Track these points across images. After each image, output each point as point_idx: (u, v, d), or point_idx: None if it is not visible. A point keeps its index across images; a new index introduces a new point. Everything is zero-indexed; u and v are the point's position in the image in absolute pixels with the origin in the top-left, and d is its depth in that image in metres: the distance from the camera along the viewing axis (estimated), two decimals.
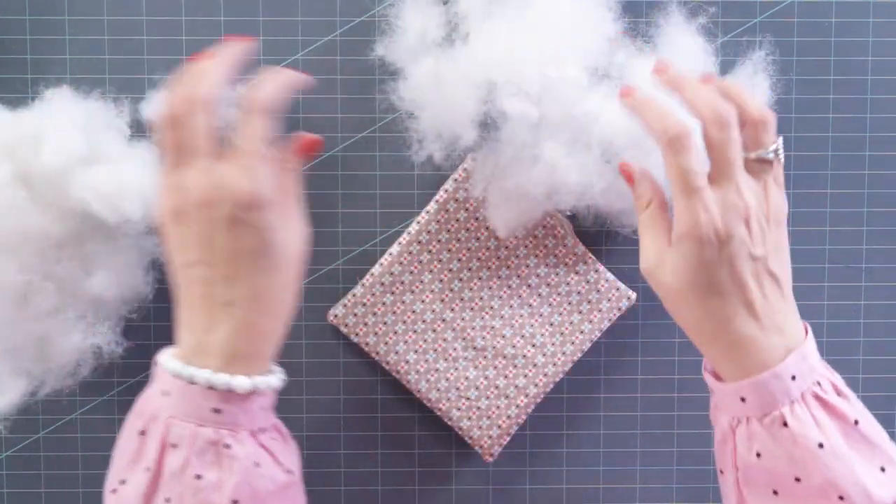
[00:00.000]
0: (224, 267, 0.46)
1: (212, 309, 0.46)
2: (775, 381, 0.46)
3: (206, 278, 0.46)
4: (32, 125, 0.56)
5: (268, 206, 0.46)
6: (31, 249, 0.55)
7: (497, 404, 0.63)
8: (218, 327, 0.46)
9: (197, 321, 0.46)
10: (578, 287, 0.64)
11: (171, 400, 0.46)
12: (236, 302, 0.46)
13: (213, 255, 0.46)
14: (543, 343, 0.63)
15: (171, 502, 0.45)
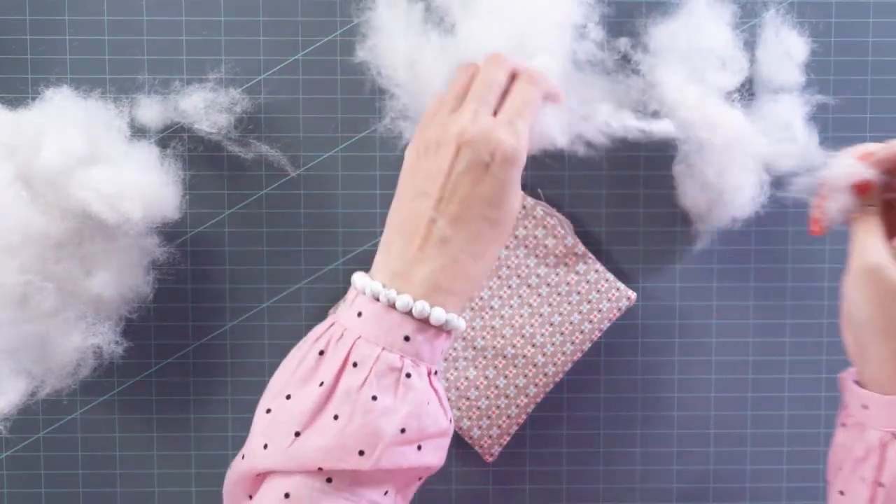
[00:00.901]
0: (455, 206, 0.47)
1: (427, 241, 0.47)
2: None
3: (434, 212, 0.47)
4: (32, 125, 0.56)
5: (518, 166, 0.47)
6: (31, 249, 0.55)
7: (497, 404, 0.63)
8: (428, 260, 0.47)
9: (408, 250, 0.47)
10: (578, 287, 0.64)
11: (362, 320, 0.46)
12: (453, 241, 0.47)
13: (450, 192, 0.47)
14: (543, 343, 0.63)
15: (339, 419, 0.44)
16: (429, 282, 0.47)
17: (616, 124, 0.59)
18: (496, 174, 0.47)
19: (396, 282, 0.47)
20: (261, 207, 0.65)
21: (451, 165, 0.47)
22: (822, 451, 0.66)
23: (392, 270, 0.47)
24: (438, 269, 0.47)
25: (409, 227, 0.48)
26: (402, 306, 0.46)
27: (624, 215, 0.65)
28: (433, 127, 0.49)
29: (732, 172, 0.60)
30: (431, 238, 0.47)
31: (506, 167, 0.47)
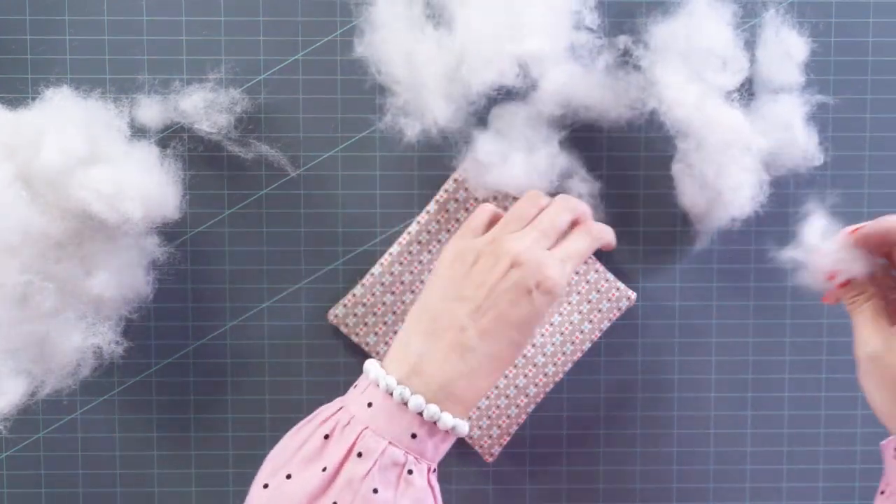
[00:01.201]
0: (489, 320, 0.49)
1: (452, 347, 0.49)
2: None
3: (468, 319, 0.49)
4: (32, 125, 0.56)
5: (555, 299, 0.51)
6: (31, 249, 0.55)
7: (497, 404, 0.63)
8: (447, 365, 0.49)
9: (430, 350, 0.49)
10: (578, 287, 0.64)
11: (371, 412, 0.48)
12: (476, 352, 0.49)
13: (489, 305, 0.50)
14: (543, 343, 0.63)
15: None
16: (443, 387, 0.48)
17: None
18: (535, 301, 0.50)
19: (412, 379, 0.48)
20: (261, 207, 0.65)
21: (497, 280, 0.50)
22: (823, 451, 0.66)
23: (409, 366, 0.49)
24: (455, 377, 0.48)
25: (437, 326, 0.50)
26: (414, 406, 0.47)
27: (624, 215, 0.65)
28: (484, 241, 0.52)
29: (731, 172, 0.60)
30: (457, 345, 0.49)
31: (546, 298, 0.50)
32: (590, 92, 0.61)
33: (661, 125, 0.61)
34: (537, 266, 0.50)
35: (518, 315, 0.50)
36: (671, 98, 0.59)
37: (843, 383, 0.67)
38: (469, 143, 0.63)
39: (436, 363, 0.49)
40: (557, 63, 0.59)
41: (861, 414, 0.67)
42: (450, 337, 0.49)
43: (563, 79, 0.59)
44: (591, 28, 0.60)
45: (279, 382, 0.65)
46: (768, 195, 0.62)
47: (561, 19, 0.59)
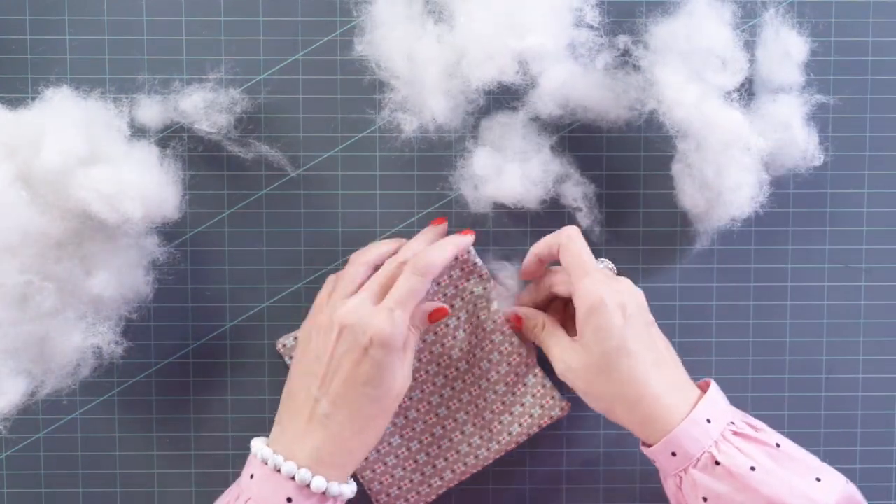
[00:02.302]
0: (337, 385, 0.53)
1: (311, 417, 0.53)
2: (694, 427, 0.52)
3: (318, 391, 0.53)
4: (32, 125, 0.56)
5: (394, 350, 0.53)
6: (31, 249, 0.55)
7: (412, 478, 0.63)
8: (311, 434, 0.52)
9: (295, 423, 0.53)
10: (515, 388, 0.63)
11: (253, 482, 0.52)
12: (334, 417, 0.52)
13: (332, 372, 0.53)
14: (472, 433, 0.63)
15: None
16: (311, 455, 0.52)
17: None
18: (373, 356, 0.52)
19: (286, 449, 0.52)
20: (261, 207, 0.65)
21: (333, 348, 0.53)
22: (822, 451, 0.66)
23: (282, 439, 0.53)
24: (320, 444, 0.52)
25: (296, 402, 0.54)
26: (287, 472, 0.51)
27: (624, 215, 0.65)
28: (323, 312, 0.55)
29: (731, 172, 0.60)
30: (315, 415, 0.53)
31: (381, 350, 0.52)
32: (589, 91, 0.61)
33: (661, 125, 0.61)
34: (363, 324, 0.52)
35: (363, 374, 0.52)
36: (671, 98, 0.59)
37: (843, 383, 0.67)
38: (465, 146, 0.63)
39: (303, 434, 0.52)
40: (558, 61, 0.59)
41: (861, 414, 0.67)
42: (307, 411, 0.53)
43: (563, 77, 0.60)
44: (592, 25, 0.60)
45: (279, 382, 0.65)
46: (768, 195, 0.62)
47: (562, 16, 0.59)
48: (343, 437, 0.52)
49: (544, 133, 0.63)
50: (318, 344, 0.54)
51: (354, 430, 0.53)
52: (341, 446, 0.53)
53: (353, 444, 0.53)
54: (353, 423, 0.53)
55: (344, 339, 0.53)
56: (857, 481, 0.56)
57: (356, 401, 0.52)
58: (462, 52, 0.59)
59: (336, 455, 0.53)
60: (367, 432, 0.53)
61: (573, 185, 0.64)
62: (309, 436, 0.52)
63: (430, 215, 0.65)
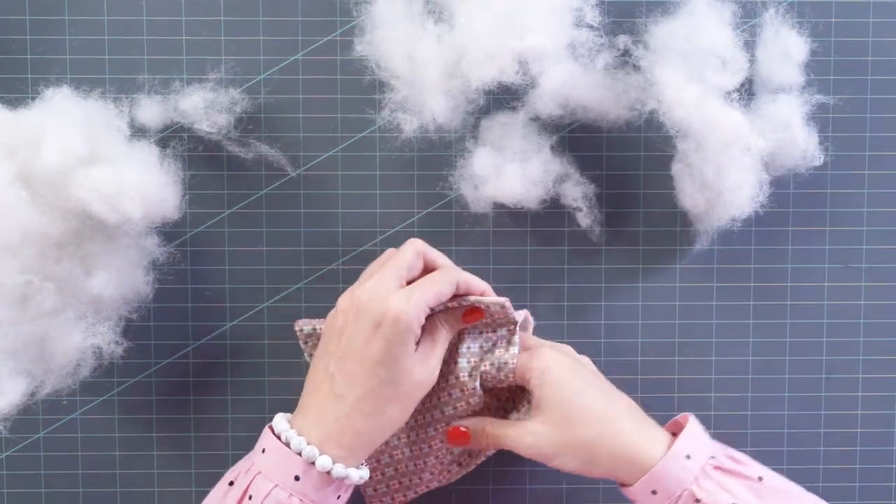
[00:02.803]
0: (350, 364, 0.52)
1: (327, 395, 0.52)
2: (673, 463, 0.51)
3: (334, 368, 0.52)
4: (32, 125, 0.56)
5: (407, 328, 0.51)
6: (31, 249, 0.55)
7: (400, 480, 0.61)
8: (325, 412, 0.52)
9: (312, 400, 0.53)
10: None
11: (264, 456, 0.52)
12: (346, 397, 0.51)
13: (346, 351, 0.52)
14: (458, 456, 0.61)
15: None
16: (323, 432, 0.51)
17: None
18: (386, 334, 0.51)
19: (301, 426, 0.52)
20: (261, 207, 0.65)
21: (350, 326, 0.52)
22: (822, 451, 0.66)
23: (300, 417, 0.53)
24: (331, 422, 0.51)
25: (315, 379, 0.54)
26: (295, 447, 0.51)
27: (624, 215, 0.65)
28: (349, 292, 0.54)
29: (731, 172, 0.60)
30: (330, 393, 0.52)
31: (395, 328, 0.51)
32: (589, 91, 0.61)
33: (661, 125, 0.61)
34: (379, 301, 0.51)
35: (375, 352, 0.51)
36: (671, 98, 0.59)
37: (843, 383, 0.67)
38: (465, 146, 0.63)
39: (318, 412, 0.52)
40: (558, 60, 0.59)
41: (861, 414, 0.67)
42: (324, 388, 0.52)
43: (563, 77, 0.60)
44: (592, 25, 0.60)
45: (279, 382, 0.65)
46: (768, 195, 0.62)
47: (562, 16, 0.59)
48: (354, 418, 0.51)
49: (544, 133, 0.63)
50: (339, 322, 0.53)
51: (365, 411, 0.51)
52: (352, 427, 0.51)
53: (363, 426, 0.52)
54: (365, 403, 0.51)
55: (359, 317, 0.52)
56: (857, 481, 0.56)
57: (368, 381, 0.51)
58: (462, 52, 0.59)
59: (346, 436, 0.51)
60: (378, 416, 0.52)
61: (573, 185, 0.64)
62: (323, 414, 0.52)
63: (430, 215, 0.65)
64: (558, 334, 0.65)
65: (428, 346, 0.54)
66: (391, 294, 0.52)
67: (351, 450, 0.52)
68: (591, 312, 0.66)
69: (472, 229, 0.65)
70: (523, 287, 0.65)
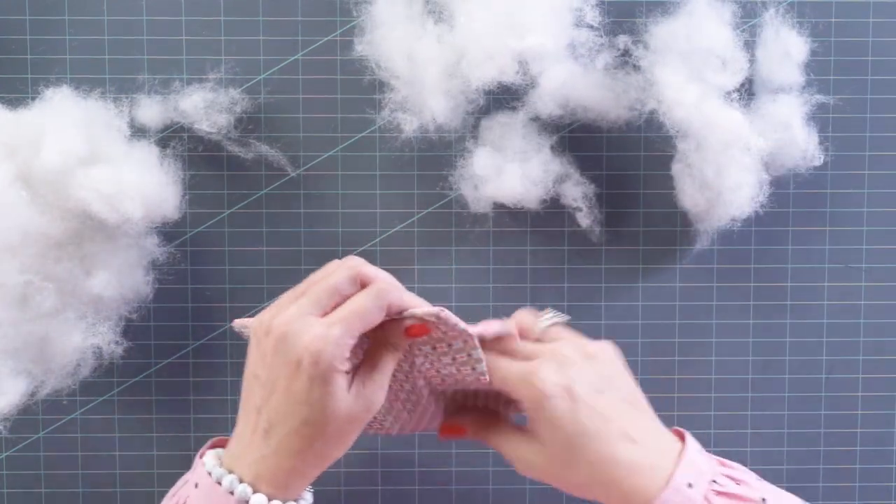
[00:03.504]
0: (275, 400, 0.48)
1: (255, 427, 0.49)
2: (675, 496, 0.48)
3: (260, 398, 0.49)
4: (32, 125, 0.56)
5: (328, 369, 0.47)
6: (31, 249, 0.55)
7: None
8: (254, 448, 0.49)
9: (243, 431, 0.50)
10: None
11: (198, 493, 0.49)
12: (274, 433, 0.48)
13: (272, 384, 0.48)
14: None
15: None
16: (254, 469, 0.48)
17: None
18: (305, 373, 0.47)
19: (233, 461, 0.49)
20: (261, 207, 0.65)
21: (271, 358, 0.48)
22: (823, 451, 0.66)
23: (232, 449, 0.50)
24: (261, 459, 0.48)
25: (246, 407, 0.50)
26: (227, 486, 0.48)
27: (624, 215, 0.65)
28: (273, 310, 0.50)
29: (731, 172, 0.60)
30: (259, 427, 0.49)
31: (312, 368, 0.47)
32: (589, 91, 0.61)
33: (661, 125, 0.61)
34: (296, 335, 0.47)
35: (298, 391, 0.47)
36: (671, 98, 0.59)
37: (844, 383, 0.67)
38: (465, 146, 0.63)
39: (248, 446, 0.49)
40: (558, 60, 0.59)
41: (861, 414, 0.67)
42: (253, 419, 0.49)
43: (563, 77, 0.60)
44: (592, 25, 0.60)
45: None
46: (768, 195, 0.62)
47: (562, 16, 0.59)
48: (282, 457, 0.48)
49: (544, 133, 0.63)
50: (262, 348, 0.49)
51: (293, 451, 0.48)
52: (282, 465, 0.48)
53: (294, 463, 0.48)
54: (291, 443, 0.48)
55: (279, 351, 0.48)
56: (857, 481, 0.56)
57: (291, 420, 0.47)
58: (462, 52, 0.59)
59: (278, 473, 0.48)
60: (307, 454, 0.48)
61: (573, 185, 0.64)
62: (252, 449, 0.49)
63: (430, 215, 0.65)
64: None
65: (367, 374, 0.49)
66: (308, 329, 0.47)
67: (285, 486, 0.49)
68: (591, 312, 0.66)
69: (472, 229, 0.65)
70: (523, 287, 0.65)
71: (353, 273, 0.49)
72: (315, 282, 0.50)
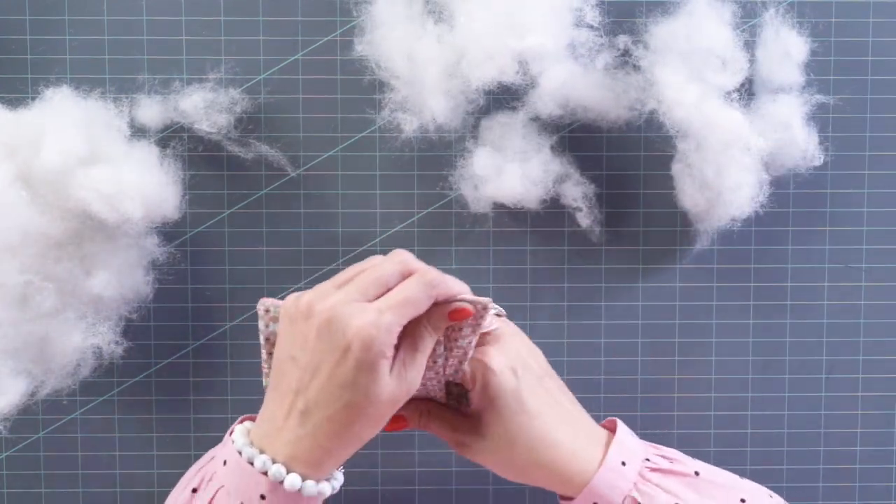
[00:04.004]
0: (317, 381, 0.48)
1: (291, 409, 0.49)
2: (610, 473, 0.51)
3: (298, 381, 0.48)
4: (32, 125, 0.56)
5: (378, 354, 0.47)
6: (31, 249, 0.55)
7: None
8: (289, 429, 0.49)
9: (275, 413, 0.49)
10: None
11: (227, 471, 0.49)
12: (312, 416, 0.48)
13: (314, 367, 0.48)
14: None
15: None
16: (288, 450, 0.48)
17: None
18: (353, 359, 0.47)
19: (263, 440, 0.49)
20: (261, 207, 0.65)
21: (315, 342, 0.48)
22: (822, 451, 0.66)
23: (262, 429, 0.50)
24: (296, 440, 0.48)
25: (279, 389, 0.50)
26: (260, 466, 0.48)
27: (624, 215, 0.66)
28: (314, 294, 0.49)
29: (731, 172, 0.60)
30: (294, 409, 0.49)
31: (362, 354, 0.47)
32: (589, 91, 0.61)
33: (661, 125, 0.61)
34: (345, 320, 0.47)
35: (342, 377, 0.47)
36: (671, 98, 0.59)
37: (843, 383, 0.67)
38: (465, 146, 0.63)
39: (282, 428, 0.49)
40: (558, 60, 0.59)
41: (861, 414, 0.67)
42: (288, 401, 0.49)
43: (563, 77, 0.60)
44: (592, 25, 0.60)
45: None
46: (768, 195, 0.62)
47: (562, 16, 0.59)
48: (320, 437, 0.48)
49: (544, 133, 0.63)
50: (302, 329, 0.49)
51: (331, 433, 0.48)
52: (318, 446, 0.48)
53: (331, 444, 0.49)
54: (332, 424, 0.48)
55: (323, 336, 0.48)
56: (857, 481, 0.56)
57: (333, 404, 0.48)
58: (462, 52, 0.59)
59: (313, 453, 0.48)
60: (345, 436, 0.49)
61: (573, 185, 0.64)
62: (286, 430, 0.49)
63: (430, 215, 0.65)
64: (558, 334, 0.66)
65: (408, 355, 0.49)
66: (360, 314, 0.47)
67: (319, 466, 0.49)
68: (591, 312, 0.66)
69: (472, 229, 0.65)
70: (523, 287, 0.65)
71: (403, 268, 0.50)
72: (361, 271, 0.50)
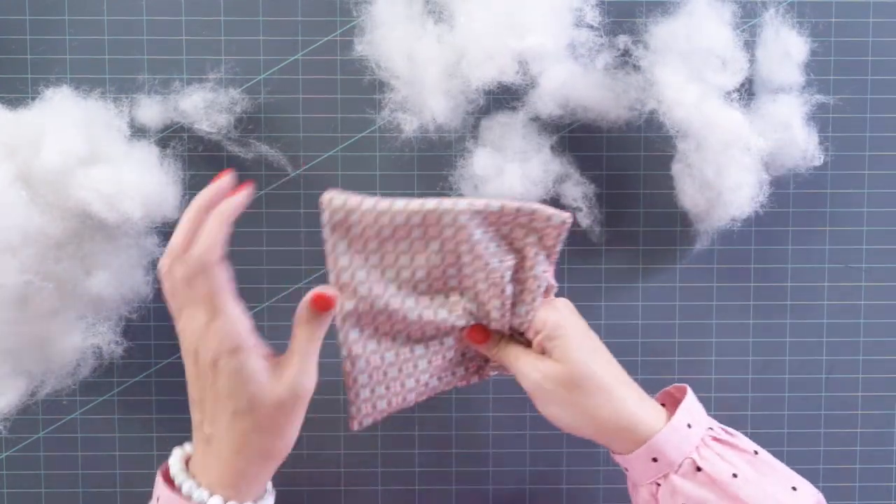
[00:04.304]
0: (209, 406, 0.49)
1: (199, 440, 0.50)
2: (675, 433, 0.52)
3: (198, 413, 0.50)
4: (32, 125, 0.56)
5: (245, 354, 0.48)
6: (31, 249, 0.55)
7: (384, 390, 0.58)
8: (205, 455, 0.50)
9: (195, 436, 0.51)
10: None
11: (165, 497, 0.50)
12: (213, 439, 0.49)
13: (201, 394, 0.49)
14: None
15: None
16: (206, 477, 0.49)
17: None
18: (224, 368, 0.48)
19: (195, 467, 0.50)
20: (261, 207, 0.65)
21: (196, 371, 0.49)
22: (822, 451, 0.66)
23: (195, 455, 0.51)
24: (211, 465, 0.49)
25: (194, 420, 0.51)
26: (186, 492, 0.49)
27: (624, 215, 0.66)
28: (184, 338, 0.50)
29: (731, 172, 0.60)
30: (201, 436, 0.50)
31: (230, 359, 0.48)
32: (589, 91, 0.61)
33: (661, 125, 0.61)
34: (205, 342, 0.48)
35: (223, 388, 0.48)
36: (671, 98, 0.59)
37: (843, 383, 0.67)
38: (465, 146, 0.63)
39: (200, 454, 0.50)
40: (558, 60, 0.59)
41: (861, 414, 0.67)
42: (197, 430, 0.50)
43: (563, 77, 0.60)
44: (592, 25, 0.60)
45: None
46: (768, 195, 0.62)
47: (562, 16, 0.59)
48: (226, 458, 0.49)
49: (544, 133, 0.63)
50: (189, 371, 0.50)
51: (233, 449, 0.48)
52: (229, 468, 0.49)
53: (239, 464, 0.49)
54: (230, 442, 0.48)
55: (199, 362, 0.49)
56: (857, 481, 0.56)
57: (225, 418, 0.48)
58: (462, 52, 0.59)
59: (227, 476, 0.49)
60: (246, 451, 0.49)
61: (573, 185, 0.64)
62: (204, 456, 0.50)
63: None
64: None
65: (285, 357, 0.51)
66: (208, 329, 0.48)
67: (236, 488, 0.49)
68: (591, 312, 0.66)
69: None
70: None
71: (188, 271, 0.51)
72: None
